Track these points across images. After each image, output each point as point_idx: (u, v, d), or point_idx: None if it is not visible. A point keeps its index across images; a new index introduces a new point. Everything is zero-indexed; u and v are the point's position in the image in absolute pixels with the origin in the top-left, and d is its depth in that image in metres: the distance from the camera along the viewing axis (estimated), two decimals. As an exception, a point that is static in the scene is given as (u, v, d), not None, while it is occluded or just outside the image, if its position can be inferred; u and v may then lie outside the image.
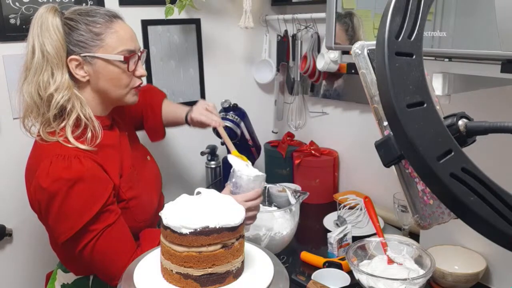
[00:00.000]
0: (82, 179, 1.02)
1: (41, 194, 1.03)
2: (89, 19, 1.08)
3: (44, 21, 1.05)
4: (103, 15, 1.09)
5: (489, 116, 0.59)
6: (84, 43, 1.07)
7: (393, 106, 0.47)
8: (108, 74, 1.10)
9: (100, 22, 1.08)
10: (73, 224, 1.03)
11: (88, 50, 1.07)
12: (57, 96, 1.05)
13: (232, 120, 1.76)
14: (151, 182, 1.29)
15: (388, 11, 0.50)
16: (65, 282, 1.21)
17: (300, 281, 1.22)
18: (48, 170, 1.01)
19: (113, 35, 1.09)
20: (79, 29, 1.07)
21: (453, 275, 1.16)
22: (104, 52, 1.08)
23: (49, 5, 1.09)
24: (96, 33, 1.07)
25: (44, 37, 1.05)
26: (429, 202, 0.59)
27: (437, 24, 0.83)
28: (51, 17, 1.06)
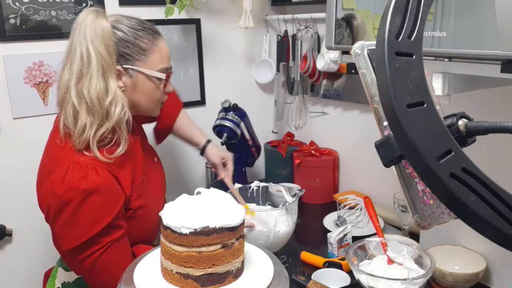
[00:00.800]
0: (97, 191, 1.01)
1: (53, 199, 1.02)
2: (138, 33, 1.09)
3: (98, 25, 1.04)
4: (149, 31, 1.11)
5: (489, 116, 0.59)
6: (130, 56, 1.08)
7: (393, 106, 0.47)
8: (145, 89, 1.12)
9: (147, 38, 1.10)
10: (81, 235, 1.02)
11: (131, 63, 1.09)
12: (115, 109, 1.05)
13: (232, 120, 1.76)
14: (158, 188, 1.28)
15: (388, 11, 0.50)
16: (66, 280, 1.21)
17: (300, 281, 1.22)
18: (63, 177, 1.00)
19: (157, 52, 1.12)
20: (127, 41, 1.08)
21: (453, 275, 1.16)
22: (147, 68, 1.10)
23: (97, 9, 1.08)
24: (143, 48, 1.09)
25: (100, 42, 1.04)
26: (429, 202, 0.59)
27: (437, 24, 0.83)
28: (105, 22, 1.05)
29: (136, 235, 1.15)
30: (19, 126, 1.58)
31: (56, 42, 1.60)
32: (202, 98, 1.97)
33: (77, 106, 1.04)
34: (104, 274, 1.07)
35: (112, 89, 1.05)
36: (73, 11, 1.61)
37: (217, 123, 1.77)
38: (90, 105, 1.04)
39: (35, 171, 1.61)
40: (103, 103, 1.04)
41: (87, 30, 1.04)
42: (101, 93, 1.04)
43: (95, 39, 1.04)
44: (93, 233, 1.02)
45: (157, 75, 1.12)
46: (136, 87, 1.11)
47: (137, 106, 1.15)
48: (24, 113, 1.58)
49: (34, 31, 1.55)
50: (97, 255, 1.04)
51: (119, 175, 1.08)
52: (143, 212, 1.15)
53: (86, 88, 1.04)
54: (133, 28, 1.09)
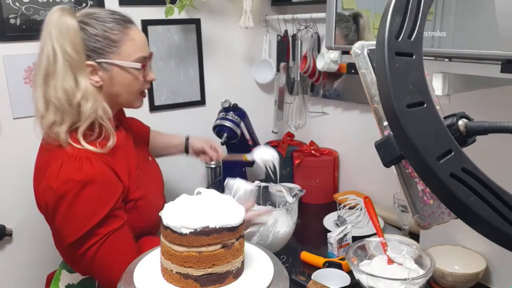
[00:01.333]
0: (93, 182, 1.01)
1: (49, 195, 1.02)
2: (106, 25, 1.07)
3: (63, 23, 1.03)
4: (119, 21, 1.09)
5: (489, 116, 0.58)
6: (101, 49, 1.07)
7: (393, 106, 0.47)
8: (123, 81, 1.11)
9: (117, 29, 1.08)
10: (80, 226, 1.02)
11: (104, 57, 1.07)
12: (86, 105, 1.04)
13: (232, 120, 1.76)
14: (155, 182, 1.29)
15: (388, 11, 0.50)
16: (70, 282, 1.20)
17: (300, 281, 1.22)
18: (58, 171, 1.01)
19: (130, 42, 1.09)
20: (96, 35, 1.06)
21: (453, 275, 1.16)
22: (121, 59, 1.08)
23: (63, 6, 1.07)
24: (113, 40, 1.07)
25: (65, 40, 1.03)
26: (429, 202, 0.59)
27: (437, 24, 0.83)
28: (70, 20, 1.04)
29: (139, 227, 1.14)
30: (19, 126, 1.58)
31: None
32: (202, 98, 1.97)
33: (42, 105, 1.05)
34: (106, 265, 1.07)
35: (83, 86, 1.04)
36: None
37: (217, 123, 1.77)
38: (58, 104, 1.03)
39: (35, 171, 1.61)
40: (73, 101, 1.03)
41: (52, 29, 1.03)
42: (70, 91, 1.03)
43: (60, 37, 1.03)
44: (91, 224, 1.02)
45: (132, 65, 1.10)
46: (113, 80, 1.10)
47: (117, 98, 1.14)
48: (24, 113, 1.58)
49: (34, 31, 1.55)
50: (97, 246, 1.04)
51: (115, 166, 1.08)
52: (143, 203, 1.16)
53: (52, 87, 1.03)
54: (101, 21, 1.07)
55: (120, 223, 1.07)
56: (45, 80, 1.04)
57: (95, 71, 1.08)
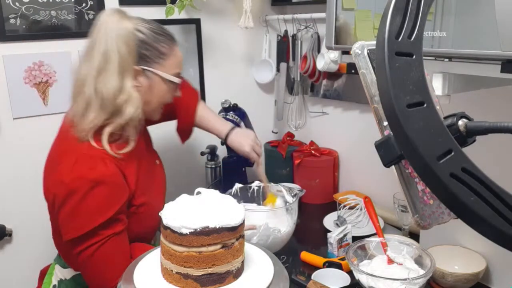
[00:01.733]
0: (104, 183, 1.04)
1: (59, 188, 1.04)
2: (158, 37, 1.13)
3: (122, 26, 1.08)
4: (168, 36, 1.16)
5: (489, 116, 0.59)
6: (149, 58, 1.12)
7: (393, 106, 0.47)
8: (159, 91, 1.16)
9: (166, 43, 1.14)
10: (84, 225, 1.03)
11: (149, 65, 1.13)
12: (128, 108, 1.08)
13: (232, 120, 1.76)
14: (159, 189, 1.30)
15: (388, 11, 0.50)
16: (63, 277, 1.21)
17: (300, 281, 1.22)
18: (72, 167, 1.03)
19: (174, 57, 1.16)
20: (148, 44, 1.11)
21: (453, 275, 1.16)
22: (163, 71, 1.15)
23: (119, 9, 1.13)
24: (162, 52, 1.14)
25: (122, 42, 1.07)
26: (429, 202, 0.59)
27: (437, 24, 0.83)
28: (128, 24, 1.09)
29: (136, 232, 1.15)
30: (19, 126, 1.58)
31: (56, 42, 1.60)
32: (202, 98, 1.97)
33: (91, 99, 1.07)
34: (100, 267, 1.08)
35: (127, 88, 1.08)
36: (73, 11, 1.61)
37: (220, 116, 1.77)
38: (103, 101, 1.07)
39: (35, 171, 1.61)
40: (116, 101, 1.07)
41: (110, 29, 1.08)
42: (116, 91, 1.07)
43: (118, 38, 1.07)
44: (95, 224, 1.03)
45: (172, 79, 1.17)
46: (151, 88, 1.15)
47: (145, 106, 1.16)
48: (24, 113, 1.58)
49: (34, 31, 1.55)
50: (95, 247, 1.05)
51: (125, 170, 1.10)
52: (145, 210, 1.17)
53: (102, 83, 1.07)
54: (153, 31, 1.13)
55: (122, 227, 1.09)
56: (98, 75, 1.08)
57: (137, 75, 1.12)
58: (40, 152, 1.18)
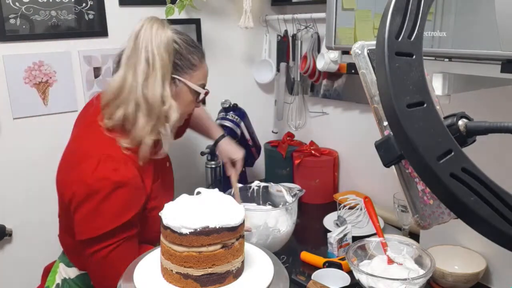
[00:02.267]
0: (126, 185, 1.05)
1: (80, 188, 1.04)
2: (190, 49, 1.17)
3: (163, 34, 1.11)
4: (199, 49, 1.21)
5: (489, 116, 0.59)
6: (180, 67, 1.16)
7: (393, 106, 0.47)
8: (185, 100, 1.19)
9: (197, 55, 1.19)
10: (102, 226, 1.04)
11: (180, 74, 1.16)
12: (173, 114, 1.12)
13: (232, 120, 1.76)
14: (169, 190, 1.31)
15: (388, 11, 0.50)
16: (67, 276, 1.21)
17: (300, 281, 1.22)
18: (95, 168, 1.04)
19: (202, 70, 1.21)
20: (181, 54, 1.15)
21: (453, 275, 1.16)
22: (192, 81, 1.18)
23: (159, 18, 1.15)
24: (193, 63, 1.18)
25: (164, 50, 1.10)
26: (429, 202, 0.59)
27: (437, 24, 0.83)
28: (169, 33, 1.12)
29: (143, 236, 1.15)
30: (19, 126, 1.58)
31: (56, 42, 1.60)
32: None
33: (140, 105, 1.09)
34: (112, 270, 1.07)
35: (169, 95, 1.11)
36: (73, 11, 1.61)
37: (217, 123, 1.77)
38: (151, 107, 1.09)
39: (35, 171, 1.61)
40: (162, 107, 1.10)
41: (153, 37, 1.10)
42: (161, 97, 1.10)
43: (161, 46, 1.10)
44: (114, 226, 1.04)
45: (199, 90, 1.20)
46: (178, 96, 1.17)
47: None
48: (24, 113, 1.58)
49: (34, 31, 1.55)
50: (110, 249, 1.06)
51: (143, 173, 1.12)
52: (155, 214, 1.16)
53: (150, 90, 1.09)
54: (187, 43, 1.17)
55: (136, 231, 1.10)
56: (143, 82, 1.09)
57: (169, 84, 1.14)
58: (40, 152, 1.18)
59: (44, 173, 1.54)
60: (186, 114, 1.24)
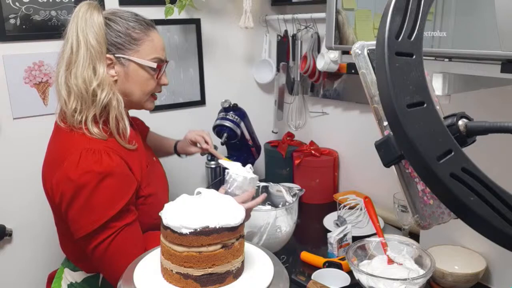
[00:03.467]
0: (112, 174, 1.03)
1: (67, 186, 1.03)
2: (130, 24, 1.13)
3: (89, 17, 1.09)
4: (142, 22, 1.16)
5: (489, 116, 0.59)
6: (121, 45, 1.12)
7: (393, 106, 0.47)
8: (138, 78, 1.15)
9: (138, 29, 1.14)
10: (96, 218, 1.03)
11: (123, 52, 1.12)
12: (102, 94, 1.08)
13: (232, 120, 1.76)
14: (162, 180, 1.31)
15: (388, 11, 0.50)
16: (73, 281, 1.20)
17: (300, 281, 1.22)
18: (77, 163, 1.02)
19: (149, 42, 1.15)
20: (119, 31, 1.12)
21: (453, 275, 1.16)
22: (139, 57, 1.13)
23: (91, 2, 1.13)
24: (134, 38, 1.13)
25: (89, 31, 1.08)
26: (429, 202, 0.59)
27: (437, 24, 0.83)
28: (96, 14, 1.10)
29: (147, 224, 1.15)
30: (19, 126, 1.58)
31: (56, 42, 1.58)
32: (202, 98, 1.97)
33: (66, 92, 1.09)
34: (116, 260, 1.07)
35: (100, 75, 1.09)
36: (73, 11, 1.60)
37: (217, 123, 1.78)
38: (77, 91, 1.07)
39: (35, 171, 1.61)
40: (89, 88, 1.07)
41: (78, 20, 1.09)
42: (88, 79, 1.08)
43: (86, 28, 1.08)
44: (108, 216, 1.03)
45: (148, 64, 1.15)
46: (128, 76, 1.14)
47: (130, 96, 1.17)
48: (24, 113, 1.58)
49: (34, 31, 1.55)
50: (109, 240, 1.05)
51: (129, 161, 1.10)
52: (153, 200, 1.17)
53: (73, 74, 1.08)
54: (125, 19, 1.14)
55: (133, 217, 1.09)
56: (68, 68, 1.09)
57: (112, 64, 1.12)
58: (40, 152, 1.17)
59: (44, 173, 1.54)
60: (150, 92, 1.19)
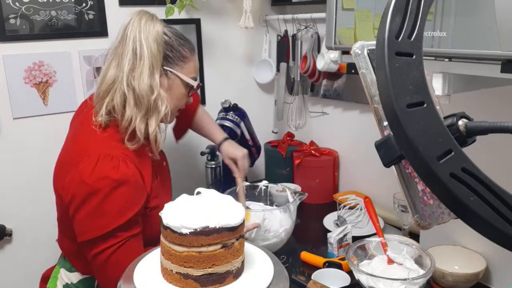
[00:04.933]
0: (127, 183, 1.04)
1: (80, 188, 1.03)
2: (181, 41, 1.18)
3: (152, 26, 1.12)
4: (189, 42, 1.22)
5: (489, 116, 0.59)
6: (171, 59, 1.16)
7: (393, 106, 0.47)
8: (178, 93, 1.20)
9: (188, 47, 1.20)
10: (104, 225, 1.03)
11: (172, 66, 1.17)
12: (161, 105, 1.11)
13: (232, 120, 1.76)
14: (167, 190, 1.31)
15: (388, 11, 0.50)
16: (69, 281, 1.20)
17: (300, 281, 1.22)
18: (94, 167, 1.02)
19: (193, 62, 1.21)
20: (172, 46, 1.16)
21: (453, 275, 1.16)
22: (183, 74, 1.18)
23: (145, 11, 1.16)
24: (183, 55, 1.18)
25: (153, 41, 1.11)
26: (429, 202, 0.59)
27: (437, 24, 0.83)
28: (158, 25, 1.14)
29: (147, 236, 1.14)
30: (19, 126, 1.58)
31: (56, 42, 1.60)
32: (202, 98, 1.97)
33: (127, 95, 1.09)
34: (116, 270, 1.05)
35: (157, 86, 1.11)
36: (73, 11, 1.61)
37: (217, 123, 1.77)
38: (138, 97, 1.09)
39: (35, 171, 1.61)
40: (150, 98, 1.10)
41: (142, 28, 1.11)
42: (149, 88, 1.10)
43: (149, 37, 1.10)
44: (116, 224, 1.03)
45: (191, 82, 1.20)
46: (171, 89, 1.18)
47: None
48: (24, 113, 1.58)
49: (34, 31, 1.56)
50: (113, 249, 1.04)
51: (142, 171, 1.10)
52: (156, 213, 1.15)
53: (136, 80, 1.09)
54: (177, 36, 1.18)
55: (139, 229, 1.09)
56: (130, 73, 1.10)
57: (160, 76, 1.14)
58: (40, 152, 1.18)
59: (44, 173, 1.54)
60: (177, 108, 1.23)
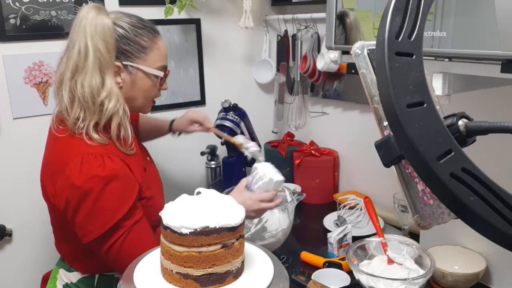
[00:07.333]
0: (116, 177, 1.03)
1: (71, 192, 1.02)
2: (138, 31, 1.11)
3: (99, 22, 1.05)
4: (149, 29, 1.14)
5: (489, 116, 0.58)
6: (130, 53, 1.11)
7: (393, 106, 0.47)
8: (143, 86, 1.15)
9: (147, 36, 1.13)
10: (104, 222, 1.03)
11: (131, 60, 1.11)
12: (109, 104, 1.06)
13: (232, 120, 1.76)
14: (157, 182, 1.30)
15: (388, 11, 0.50)
16: (68, 281, 1.20)
17: (300, 281, 1.22)
18: (80, 168, 1.01)
19: (156, 51, 1.15)
20: (128, 38, 1.10)
21: (453, 275, 1.16)
22: (146, 65, 1.13)
23: (98, 5, 1.10)
24: (143, 46, 1.12)
25: (99, 38, 1.05)
26: (429, 202, 0.59)
27: (437, 24, 0.83)
28: (106, 19, 1.07)
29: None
30: (19, 126, 1.58)
31: (56, 42, 1.59)
32: (202, 98, 1.97)
33: (69, 100, 1.06)
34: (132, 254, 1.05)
35: (108, 85, 1.07)
36: (73, 11, 1.61)
37: (217, 123, 1.78)
38: (82, 100, 1.05)
39: (35, 171, 1.61)
40: (97, 99, 1.05)
41: (87, 26, 1.05)
42: (96, 89, 1.05)
43: (95, 35, 1.05)
44: (117, 218, 1.03)
45: (156, 73, 1.15)
46: (135, 83, 1.14)
47: (132, 102, 1.16)
48: (24, 113, 1.58)
49: (34, 31, 1.56)
50: (122, 239, 1.05)
51: (129, 164, 1.10)
52: (152, 203, 1.17)
53: (80, 83, 1.05)
54: (133, 25, 1.11)
55: (140, 214, 1.09)
56: (73, 76, 1.06)
57: (119, 72, 1.11)
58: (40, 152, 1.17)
59: (44, 173, 1.54)
60: (151, 99, 1.21)
